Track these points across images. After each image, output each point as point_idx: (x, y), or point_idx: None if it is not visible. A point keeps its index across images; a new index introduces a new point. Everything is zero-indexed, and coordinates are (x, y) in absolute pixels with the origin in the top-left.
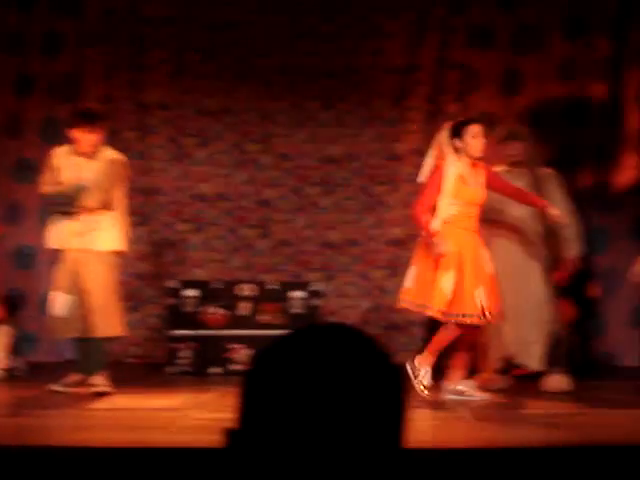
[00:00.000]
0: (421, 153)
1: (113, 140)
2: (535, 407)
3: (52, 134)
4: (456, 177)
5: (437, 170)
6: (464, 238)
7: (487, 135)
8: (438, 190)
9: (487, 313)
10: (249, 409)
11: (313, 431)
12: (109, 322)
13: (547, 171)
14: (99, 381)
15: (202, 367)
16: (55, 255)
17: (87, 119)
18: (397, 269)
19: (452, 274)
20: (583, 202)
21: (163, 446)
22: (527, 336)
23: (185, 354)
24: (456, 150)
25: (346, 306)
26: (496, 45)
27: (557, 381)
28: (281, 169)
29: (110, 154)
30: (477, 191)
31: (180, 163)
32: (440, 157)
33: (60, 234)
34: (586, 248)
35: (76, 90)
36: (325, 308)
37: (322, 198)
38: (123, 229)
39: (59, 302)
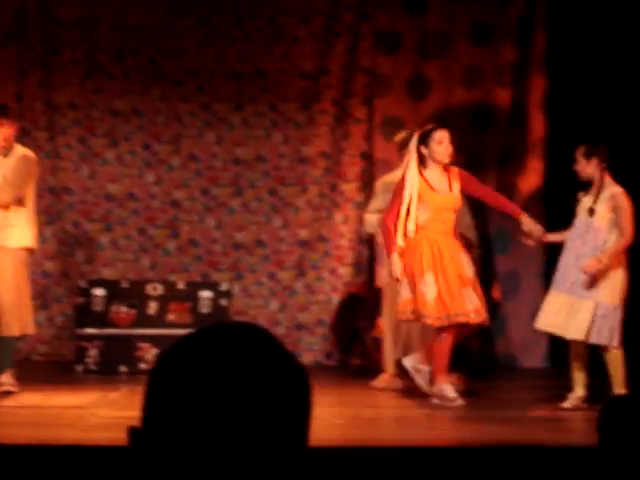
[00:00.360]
0: (329, 156)
1: (23, 140)
2: (430, 406)
3: None
4: (422, 184)
5: (404, 179)
6: (441, 242)
7: (390, 139)
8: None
9: (480, 312)
10: (153, 408)
11: (216, 430)
12: (20, 320)
13: None
14: (6, 379)
15: (110, 366)
16: None
17: (1, 111)
18: (304, 270)
19: (431, 278)
20: (487, 205)
21: (71, 444)
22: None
23: (93, 353)
24: (422, 157)
25: (254, 306)
26: (403, 50)
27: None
28: (190, 170)
29: (22, 151)
30: (448, 196)
31: (89, 163)
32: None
33: None
34: (488, 250)
35: None
36: (233, 308)
37: (231, 199)
38: (34, 226)
39: None
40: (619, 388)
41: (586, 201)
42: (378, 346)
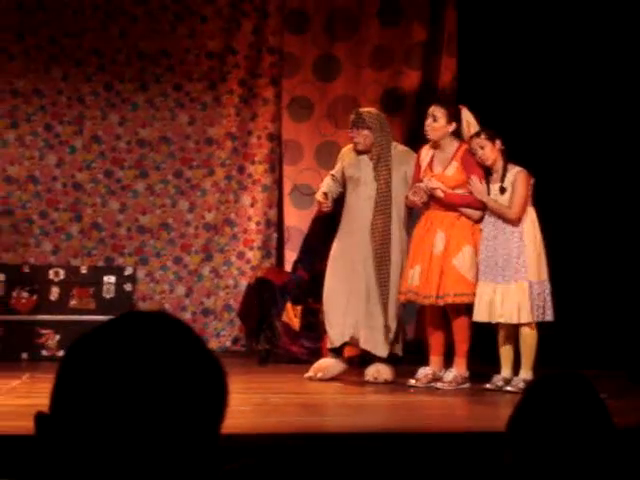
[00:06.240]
0: (236, 137)
1: None
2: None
3: None
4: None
5: None
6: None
7: (303, 119)
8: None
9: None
10: (63, 395)
11: (127, 419)
12: None
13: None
14: None
15: (12, 353)
16: None
17: None
18: (211, 254)
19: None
20: None
21: None
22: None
23: None
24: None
25: (160, 291)
26: (311, 30)
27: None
28: (93, 152)
29: None
30: (442, 174)
31: None
32: None
33: None
34: None
35: None
36: (138, 293)
37: (135, 182)
38: None
39: None
40: (527, 369)
41: (491, 188)
42: (288, 331)
